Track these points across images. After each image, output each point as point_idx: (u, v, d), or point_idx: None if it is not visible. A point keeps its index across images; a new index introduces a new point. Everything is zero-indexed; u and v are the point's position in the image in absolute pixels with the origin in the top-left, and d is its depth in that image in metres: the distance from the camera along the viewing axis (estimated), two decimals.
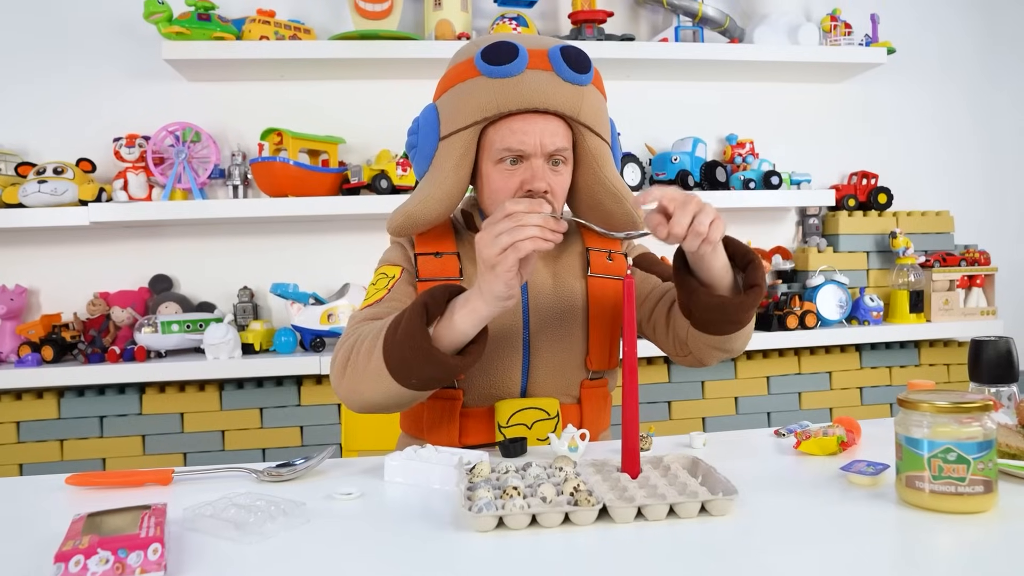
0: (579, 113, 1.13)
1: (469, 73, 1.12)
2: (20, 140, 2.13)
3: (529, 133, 1.11)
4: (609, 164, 1.18)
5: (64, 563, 0.65)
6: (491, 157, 1.14)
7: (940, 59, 2.59)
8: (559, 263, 1.23)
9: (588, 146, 1.16)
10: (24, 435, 1.96)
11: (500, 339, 1.16)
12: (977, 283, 2.39)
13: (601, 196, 1.17)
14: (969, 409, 0.77)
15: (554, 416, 1.16)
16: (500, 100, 1.10)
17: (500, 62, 1.09)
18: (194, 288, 2.20)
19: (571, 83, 1.11)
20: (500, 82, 1.09)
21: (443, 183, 1.13)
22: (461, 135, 1.12)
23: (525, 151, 1.11)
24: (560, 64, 1.11)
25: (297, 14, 2.21)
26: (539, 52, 1.12)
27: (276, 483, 0.97)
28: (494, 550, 0.73)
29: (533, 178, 1.11)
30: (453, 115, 1.13)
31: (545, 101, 1.10)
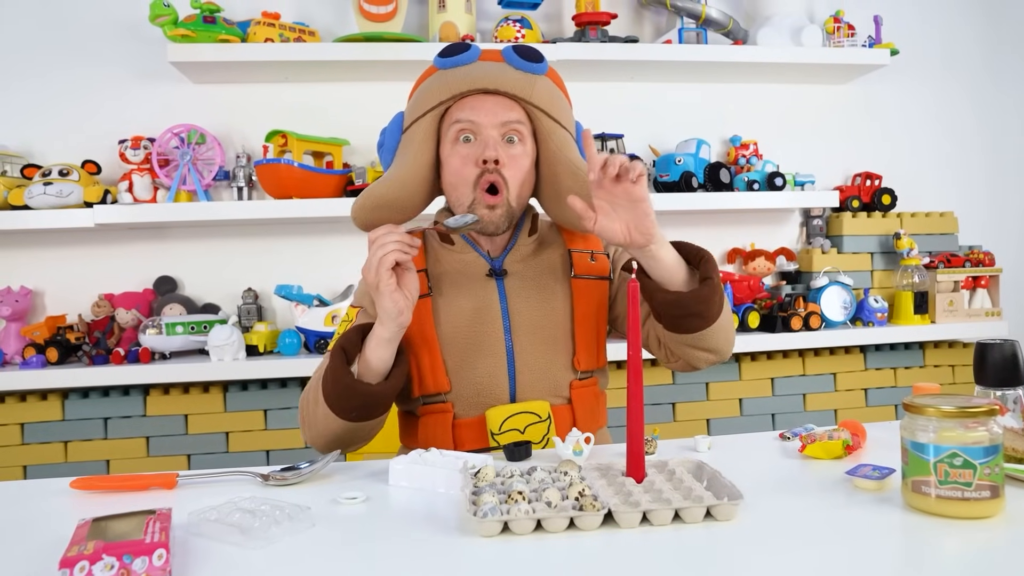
0: (531, 95, 1.18)
1: (429, 73, 1.22)
2: (26, 142, 2.13)
3: (480, 108, 1.17)
4: (569, 147, 1.20)
5: (69, 569, 0.65)
6: (448, 139, 1.18)
7: (944, 60, 2.58)
8: (540, 267, 1.24)
9: (544, 128, 1.19)
10: (28, 437, 1.96)
11: (482, 346, 1.18)
12: (982, 284, 2.39)
13: (560, 176, 1.19)
14: (975, 414, 0.77)
15: (546, 418, 1.16)
16: (452, 84, 1.17)
17: (453, 54, 1.19)
18: (198, 290, 2.20)
19: (522, 70, 1.18)
20: (454, 71, 1.18)
21: (404, 165, 1.18)
22: (420, 122, 1.19)
23: (476, 122, 1.16)
24: (511, 56, 1.19)
25: (302, 16, 2.21)
26: (492, 50, 1.21)
27: (281, 487, 0.97)
28: (499, 555, 0.73)
29: (485, 147, 1.15)
30: (414, 109, 1.21)
31: (495, 81, 1.17)
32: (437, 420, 1.18)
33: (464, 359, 1.18)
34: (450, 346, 1.18)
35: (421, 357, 1.18)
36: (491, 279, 1.22)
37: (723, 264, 2.45)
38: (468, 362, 1.18)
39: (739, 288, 2.25)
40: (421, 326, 1.18)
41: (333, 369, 1.08)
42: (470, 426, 1.17)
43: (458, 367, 1.18)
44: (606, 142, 2.23)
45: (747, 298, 2.26)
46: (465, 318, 1.19)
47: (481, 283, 1.21)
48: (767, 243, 2.44)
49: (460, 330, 1.19)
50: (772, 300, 2.25)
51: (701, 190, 2.25)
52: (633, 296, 0.92)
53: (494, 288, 1.21)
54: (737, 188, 2.29)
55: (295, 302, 2.05)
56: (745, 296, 2.26)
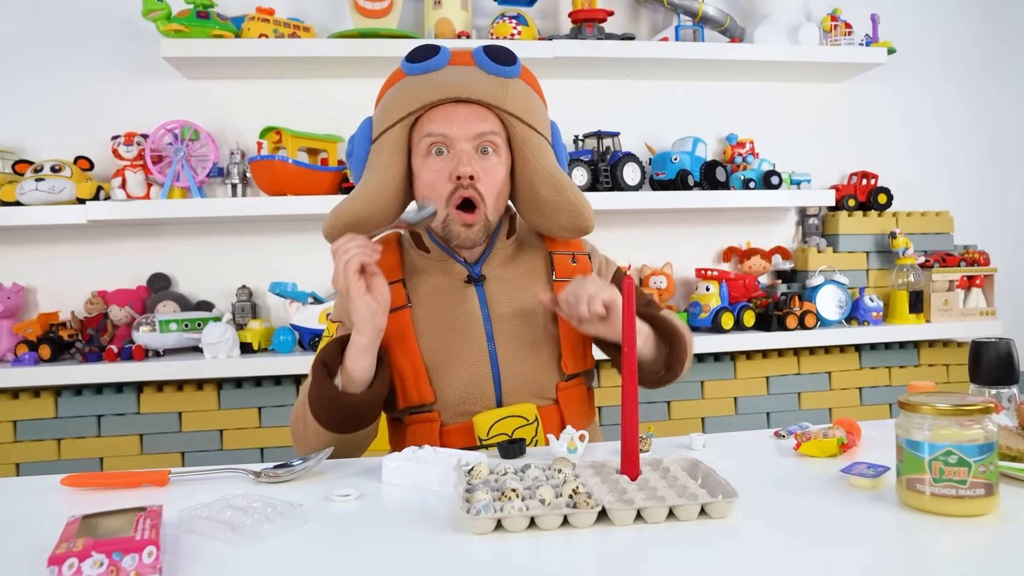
0: (504, 102, 1.14)
1: (397, 78, 1.18)
2: (17, 138, 2.12)
3: (452, 120, 1.13)
4: (544, 153, 1.18)
5: (58, 566, 0.64)
6: (420, 152, 1.16)
7: (941, 59, 2.59)
8: (520, 270, 1.23)
9: (519, 136, 1.17)
10: (21, 434, 1.95)
11: (464, 355, 1.17)
12: (977, 284, 2.39)
13: (538, 186, 1.17)
14: (970, 411, 0.77)
15: (533, 421, 1.15)
16: (422, 93, 1.13)
17: (421, 59, 1.14)
18: (192, 287, 2.19)
19: (494, 75, 1.14)
20: (422, 77, 1.14)
21: (373, 180, 1.15)
22: (389, 133, 1.15)
23: (448, 135, 1.13)
24: (482, 59, 1.15)
25: (296, 12, 2.20)
26: (462, 51, 1.17)
27: (273, 484, 0.96)
28: (492, 552, 0.73)
29: (459, 163, 1.12)
30: (382, 117, 1.17)
31: (467, 90, 1.13)
32: (425, 428, 1.17)
33: (447, 368, 1.17)
34: (432, 356, 1.17)
35: (404, 369, 1.17)
36: (470, 285, 1.20)
37: (719, 262, 2.45)
38: (452, 371, 1.17)
39: (734, 287, 2.25)
40: (402, 337, 1.17)
41: (317, 383, 1.09)
42: (458, 432, 1.16)
43: (442, 376, 1.17)
44: (602, 139, 2.22)
45: (742, 297, 2.26)
46: (446, 327, 1.18)
47: (460, 290, 1.20)
48: (763, 242, 2.44)
49: (441, 340, 1.17)
50: (767, 299, 2.25)
51: (697, 188, 2.25)
52: (628, 295, 0.91)
53: (474, 295, 1.20)
54: (733, 186, 2.28)
55: (289, 299, 2.05)
56: (740, 295, 2.26)
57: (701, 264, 2.40)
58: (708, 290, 2.22)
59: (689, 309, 2.25)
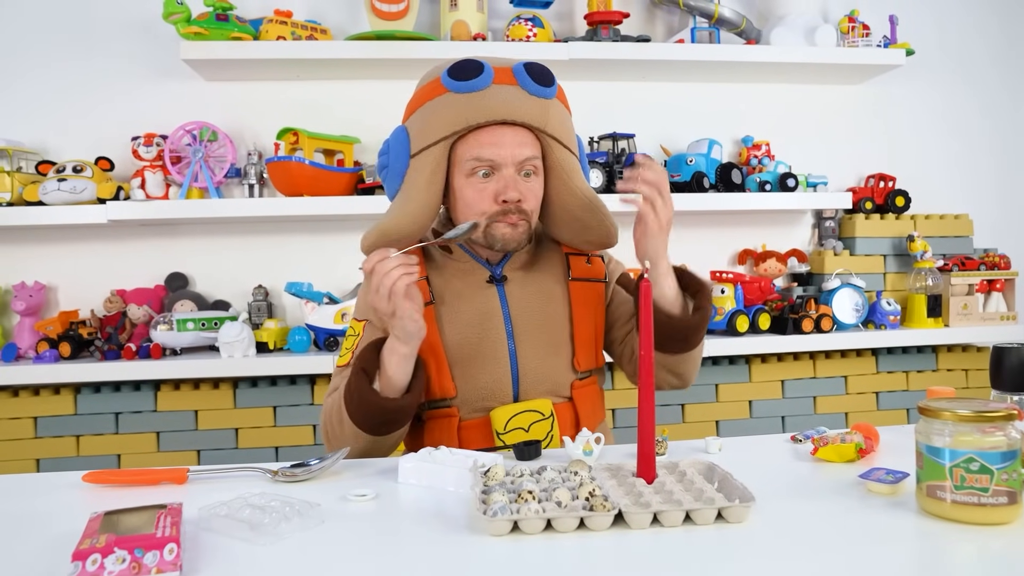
0: (546, 124, 1.16)
1: (436, 91, 1.15)
2: (40, 139, 2.15)
3: (499, 144, 1.14)
4: (578, 175, 1.21)
5: (81, 561, 0.65)
6: (462, 171, 1.16)
7: (959, 61, 2.56)
8: (537, 270, 1.26)
9: (556, 157, 1.18)
10: (41, 430, 1.97)
11: (486, 351, 1.20)
12: (997, 288, 2.37)
13: (572, 206, 1.20)
14: (992, 418, 0.76)
15: (549, 415, 1.18)
16: (468, 114, 1.12)
17: (466, 77, 1.12)
18: (209, 286, 2.21)
19: (536, 96, 1.15)
20: (467, 96, 1.12)
21: (416, 199, 1.15)
22: (432, 151, 1.14)
23: (496, 161, 1.14)
24: (525, 78, 1.14)
25: (314, 14, 2.21)
26: (503, 69, 1.15)
27: (290, 483, 0.97)
28: (508, 554, 0.73)
29: (506, 188, 1.14)
30: (423, 132, 1.15)
31: (512, 113, 1.13)
32: (443, 424, 1.20)
33: (469, 364, 1.20)
34: (455, 352, 1.20)
35: (427, 365, 1.19)
36: (492, 285, 1.23)
37: (734, 265, 2.44)
38: (473, 367, 1.20)
39: (750, 289, 2.24)
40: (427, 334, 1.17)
41: (359, 390, 1.11)
42: (475, 427, 1.19)
43: (463, 372, 1.20)
44: (617, 141, 2.22)
45: (758, 299, 2.25)
46: (468, 324, 1.20)
47: (482, 290, 1.23)
48: (778, 244, 2.43)
49: (464, 336, 1.20)
50: (783, 302, 2.23)
51: (713, 191, 2.24)
52: (645, 297, 0.91)
53: (495, 294, 1.23)
54: (749, 189, 2.27)
55: (305, 299, 2.06)
56: (756, 297, 2.24)
57: (716, 266, 2.39)
58: (723, 293, 2.21)
59: None
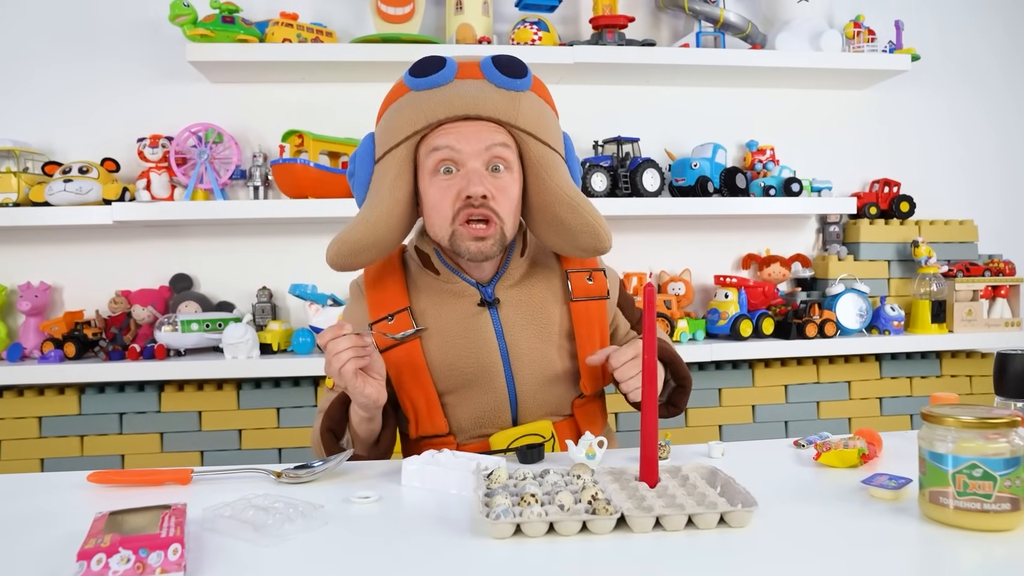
0: (516, 118, 1.07)
1: (400, 92, 1.10)
2: (47, 140, 2.16)
3: (461, 134, 1.06)
4: (559, 171, 1.11)
5: (86, 561, 0.65)
6: (427, 170, 1.09)
7: (965, 67, 2.56)
8: (533, 289, 1.17)
9: (533, 153, 1.10)
10: (46, 430, 1.98)
11: (480, 382, 1.13)
12: (1001, 294, 2.36)
13: (555, 207, 1.10)
14: (996, 424, 0.76)
15: (550, 438, 1.14)
16: (428, 110, 1.06)
17: (426, 73, 1.07)
18: (214, 287, 2.21)
19: (504, 88, 1.07)
20: (428, 93, 1.07)
21: (378, 205, 1.08)
22: (394, 153, 1.08)
23: (458, 153, 1.06)
24: (492, 71, 1.07)
25: (320, 17, 2.22)
26: (470, 63, 1.09)
27: (294, 485, 0.97)
28: (511, 557, 0.73)
29: (469, 184, 1.06)
30: (386, 135, 1.10)
31: (476, 107, 1.05)
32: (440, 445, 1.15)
33: (463, 394, 1.14)
34: (446, 383, 1.14)
35: (416, 400, 1.14)
36: (484, 310, 1.14)
37: (738, 269, 2.44)
38: (467, 396, 1.14)
39: (754, 294, 2.24)
40: (413, 369, 1.13)
41: (327, 447, 1.12)
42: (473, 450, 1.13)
43: (457, 403, 1.15)
44: (622, 145, 2.22)
45: (762, 304, 2.24)
46: (460, 356, 1.13)
47: (473, 314, 1.14)
48: (783, 249, 2.43)
49: (456, 369, 1.13)
50: (787, 307, 2.23)
51: (717, 195, 2.24)
52: (649, 301, 0.91)
53: (488, 319, 1.14)
54: (753, 193, 2.27)
55: (309, 301, 2.06)
56: (760, 302, 2.24)
57: (720, 271, 2.39)
58: (727, 297, 2.21)
59: (708, 316, 2.24)
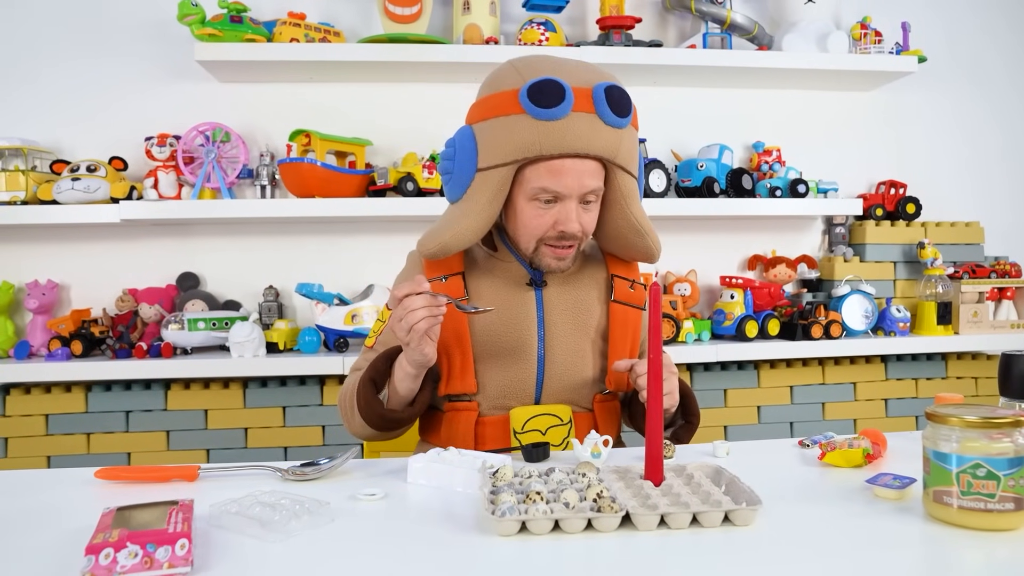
0: (616, 155, 1.15)
1: (512, 108, 1.11)
2: (55, 138, 2.17)
3: (567, 175, 1.13)
4: (635, 200, 1.21)
5: (94, 556, 0.66)
6: (525, 193, 1.16)
7: (971, 69, 2.55)
8: (580, 286, 1.26)
9: (620, 184, 1.18)
10: (52, 428, 1.99)
11: (514, 352, 1.20)
12: (1008, 296, 2.36)
13: (625, 231, 1.21)
14: (1000, 424, 0.76)
15: (567, 422, 1.18)
16: (543, 142, 1.10)
17: (547, 104, 1.09)
18: (220, 286, 2.22)
19: (612, 127, 1.13)
20: (545, 124, 1.10)
21: (478, 216, 1.15)
22: (499, 171, 1.13)
23: (561, 193, 1.14)
24: (603, 107, 1.11)
25: (327, 17, 2.23)
26: (584, 92, 1.11)
27: (301, 482, 0.98)
28: (516, 554, 0.73)
29: (567, 220, 1.15)
30: (493, 148, 1.13)
31: (587, 147, 1.11)
32: (462, 417, 1.20)
33: (495, 361, 1.20)
34: (482, 348, 1.21)
35: (453, 358, 1.20)
36: (530, 289, 1.23)
37: (744, 270, 2.43)
38: (499, 363, 1.20)
39: (759, 295, 2.24)
40: (456, 330, 1.20)
41: (365, 397, 1.15)
42: (493, 424, 1.19)
43: (488, 369, 1.21)
44: None
45: (767, 305, 2.24)
46: (501, 325, 1.21)
47: (520, 291, 1.23)
48: (788, 250, 2.42)
49: (495, 335, 1.21)
50: (793, 308, 2.23)
51: (723, 196, 2.24)
52: (655, 300, 0.92)
53: (532, 297, 1.23)
54: (759, 194, 2.27)
55: (315, 300, 2.07)
56: (765, 303, 2.24)
57: (726, 272, 2.39)
58: (733, 298, 2.21)
59: (713, 317, 2.24)
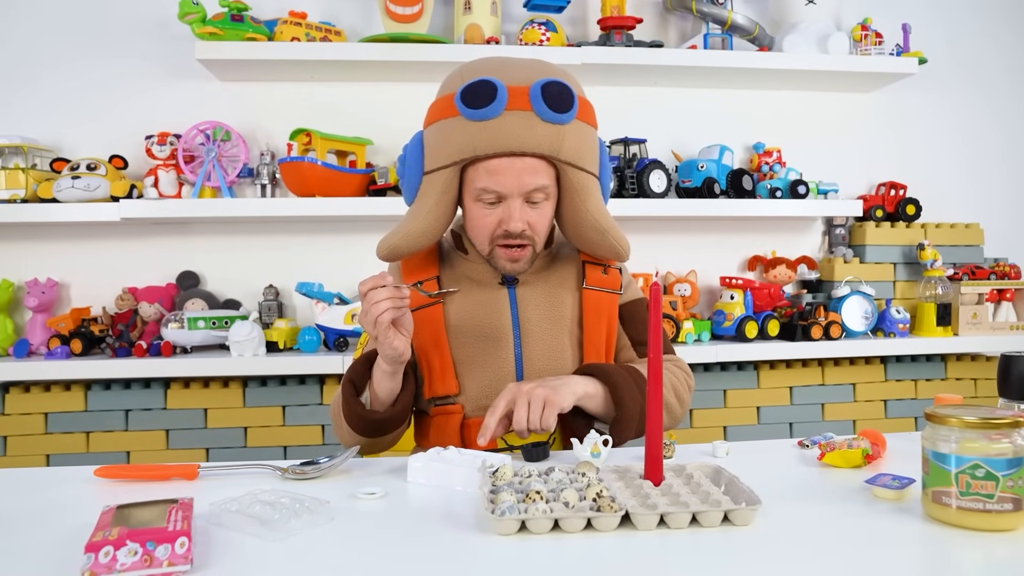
0: (559, 152, 1.13)
1: (450, 111, 1.14)
2: (55, 136, 2.17)
3: (505, 174, 1.13)
4: (592, 197, 1.19)
5: (94, 553, 0.66)
6: (471, 194, 1.17)
7: (971, 70, 2.55)
8: (551, 275, 1.26)
9: (573, 182, 1.17)
10: (52, 426, 1.99)
11: (490, 352, 1.21)
12: (1007, 297, 2.36)
13: (584, 229, 1.20)
14: (999, 425, 0.76)
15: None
16: (477, 143, 1.12)
17: (478, 105, 1.10)
18: (220, 285, 2.22)
19: (550, 123, 1.11)
20: (478, 125, 1.11)
21: (425, 218, 1.17)
22: (441, 173, 1.16)
23: (501, 192, 1.14)
24: (540, 104, 1.11)
25: (328, 16, 2.23)
26: (519, 91, 1.11)
27: (300, 481, 0.98)
28: (516, 554, 0.74)
29: (510, 219, 1.15)
30: (435, 151, 1.17)
31: (522, 144, 1.11)
32: (447, 420, 1.20)
33: (474, 363, 1.21)
34: (460, 351, 1.21)
35: (432, 360, 1.21)
36: (503, 288, 1.24)
37: (744, 271, 2.44)
38: (478, 366, 1.21)
39: (759, 296, 2.24)
40: (433, 332, 1.21)
41: (346, 402, 1.15)
42: (478, 425, 1.17)
43: (467, 370, 1.21)
44: (629, 146, 2.23)
45: (767, 306, 2.24)
46: (476, 325, 1.21)
47: (493, 290, 1.24)
48: (788, 251, 2.42)
49: (471, 336, 1.21)
50: (793, 308, 2.23)
51: (723, 196, 2.24)
52: (655, 300, 0.92)
53: (505, 296, 1.24)
54: (760, 195, 2.28)
55: (315, 300, 2.07)
56: (765, 304, 2.24)
57: (726, 272, 2.40)
58: (733, 299, 2.21)
59: (713, 317, 2.24)
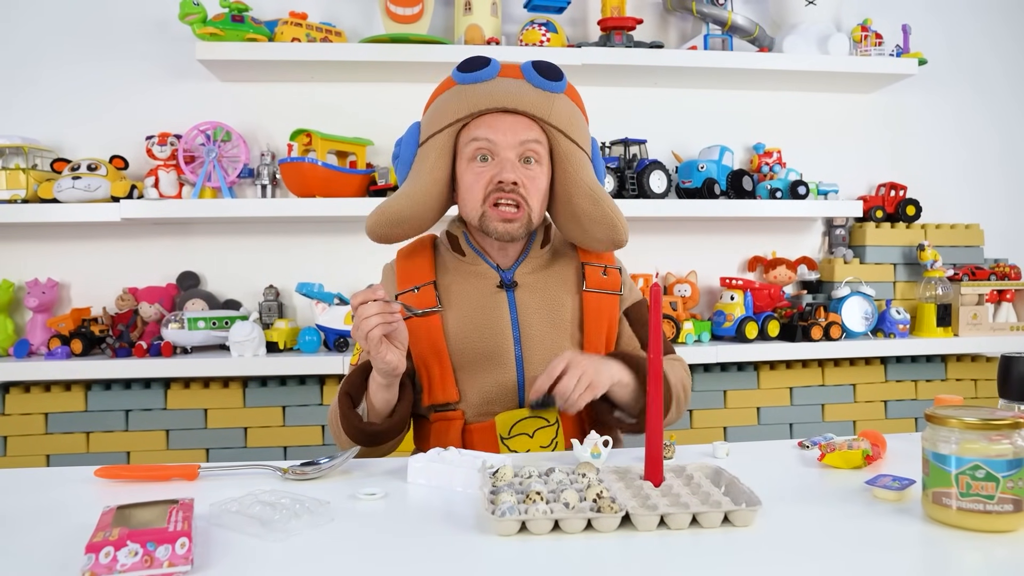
0: (549, 115, 1.18)
1: (446, 85, 1.22)
2: (56, 137, 2.17)
3: (498, 127, 1.17)
4: (584, 167, 1.22)
5: (95, 554, 0.66)
6: (465, 156, 1.20)
7: (971, 71, 2.55)
8: (550, 278, 1.26)
9: (562, 149, 1.20)
10: (52, 426, 1.99)
11: (491, 357, 1.20)
12: (1007, 298, 2.36)
13: (577, 198, 1.20)
14: (999, 426, 0.76)
15: (554, 423, 1.17)
16: (471, 101, 1.17)
17: (472, 69, 1.18)
18: (221, 285, 2.22)
19: (541, 89, 1.19)
20: (472, 87, 1.18)
21: (418, 181, 1.20)
22: (436, 138, 1.20)
23: (494, 142, 1.17)
24: (531, 73, 1.19)
25: (329, 17, 2.23)
26: (512, 65, 1.21)
27: (301, 481, 0.98)
28: (516, 554, 0.74)
29: (502, 171, 1.16)
30: (431, 122, 1.21)
31: (515, 101, 1.17)
32: (448, 426, 1.20)
33: (474, 369, 1.20)
34: (460, 357, 1.21)
35: (431, 368, 1.20)
36: (501, 291, 1.23)
37: (744, 272, 2.44)
38: (478, 371, 1.20)
39: (759, 296, 2.24)
40: (432, 340, 1.20)
41: (343, 414, 1.16)
42: (480, 431, 1.18)
43: (468, 377, 1.20)
44: (629, 147, 2.23)
45: (767, 307, 2.25)
46: (475, 330, 1.21)
47: (492, 295, 1.23)
48: (789, 252, 2.42)
49: (470, 341, 1.21)
50: (793, 309, 2.23)
51: (723, 197, 2.24)
52: (655, 302, 0.92)
53: (504, 300, 1.23)
54: (760, 196, 2.27)
55: (316, 300, 2.07)
56: (765, 304, 2.24)
57: (726, 273, 2.40)
58: (733, 299, 2.21)
59: (713, 318, 2.24)
